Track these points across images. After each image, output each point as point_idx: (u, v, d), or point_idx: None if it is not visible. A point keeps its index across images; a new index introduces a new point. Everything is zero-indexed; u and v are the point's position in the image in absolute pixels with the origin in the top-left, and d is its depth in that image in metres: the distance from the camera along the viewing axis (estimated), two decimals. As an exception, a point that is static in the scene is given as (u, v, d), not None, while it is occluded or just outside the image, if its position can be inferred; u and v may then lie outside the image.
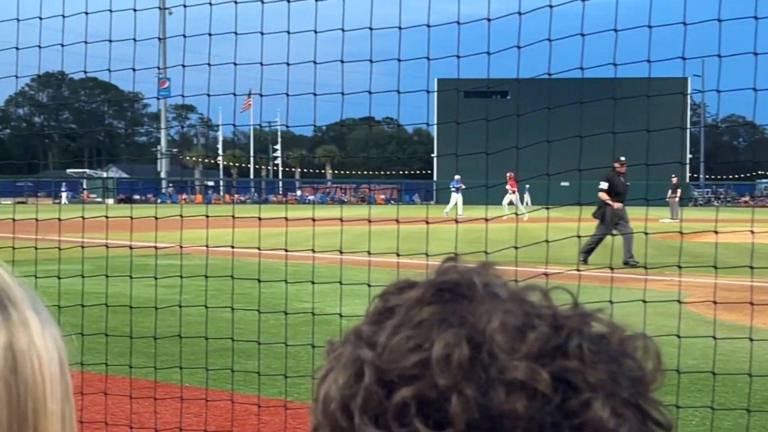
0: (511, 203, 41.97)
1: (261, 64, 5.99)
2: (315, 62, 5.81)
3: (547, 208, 5.70)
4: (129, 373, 6.33)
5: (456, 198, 43.81)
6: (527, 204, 46.94)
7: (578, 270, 4.94)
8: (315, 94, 5.90)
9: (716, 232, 5.58)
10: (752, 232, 5.71)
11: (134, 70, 6.33)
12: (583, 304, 0.79)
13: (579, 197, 5.62)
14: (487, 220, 5.66)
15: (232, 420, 6.10)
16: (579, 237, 5.59)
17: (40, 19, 6.30)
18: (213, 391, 6.65)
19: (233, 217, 6.19)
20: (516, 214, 7.64)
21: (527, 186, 50.75)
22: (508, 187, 42.39)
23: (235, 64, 6.11)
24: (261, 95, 6.13)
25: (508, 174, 38.12)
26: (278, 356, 6.96)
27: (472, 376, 0.71)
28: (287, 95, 5.98)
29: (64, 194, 65.99)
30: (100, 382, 6.46)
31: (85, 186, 74.62)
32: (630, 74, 6.13)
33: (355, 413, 0.73)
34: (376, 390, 0.73)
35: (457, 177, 40.41)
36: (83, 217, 6.11)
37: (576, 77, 6.14)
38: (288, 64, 5.88)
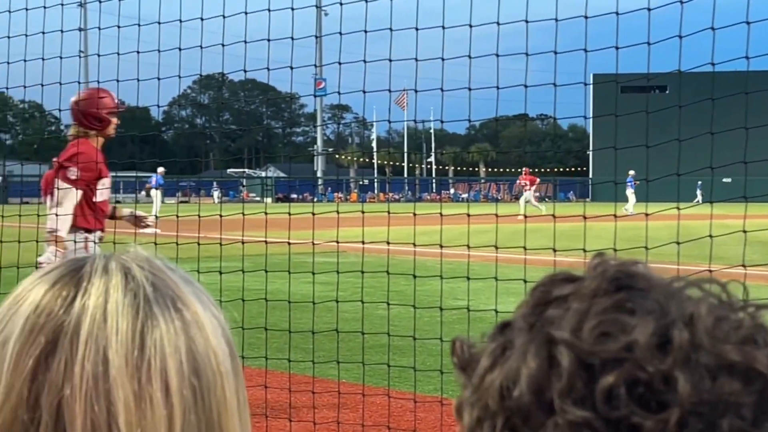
0: (528, 201, 41.03)
1: (416, 59, 6.01)
2: (470, 56, 5.79)
3: (711, 203, 5.52)
4: (288, 368, 6.45)
5: (632, 195, 42.57)
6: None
7: (744, 266, 4.77)
8: (470, 89, 5.88)
9: None
10: None
11: (292, 68, 6.45)
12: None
13: (744, 192, 5.44)
14: (647, 215, 5.53)
15: (389, 415, 6.15)
16: (745, 232, 5.39)
17: (202, 20, 6.48)
18: (369, 387, 6.72)
19: (388, 213, 6.23)
20: (524, 215, 7.38)
21: (699, 182, 49.15)
22: (524, 182, 41.59)
23: (390, 61, 6.14)
24: (416, 91, 6.15)
25: (523, 169, 37.34)
26: (432, 353, 6.97)
27: (688, 360, 0.72)
28: (441, 90, 5.98)
29: (215, 193, 67.15)
30: (259, 376, 6.61)
31: (244, 185, 76.60)
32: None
33: (555, 397, 0.73)
34: (579, 373, 0.73)
35: (631, 173, 39.12)
36: (243, 214, 6.26)
37: (740, 69, 5.93)
38: (443, 59, 5.88)
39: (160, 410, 0.90)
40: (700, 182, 48.27)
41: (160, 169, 41.83)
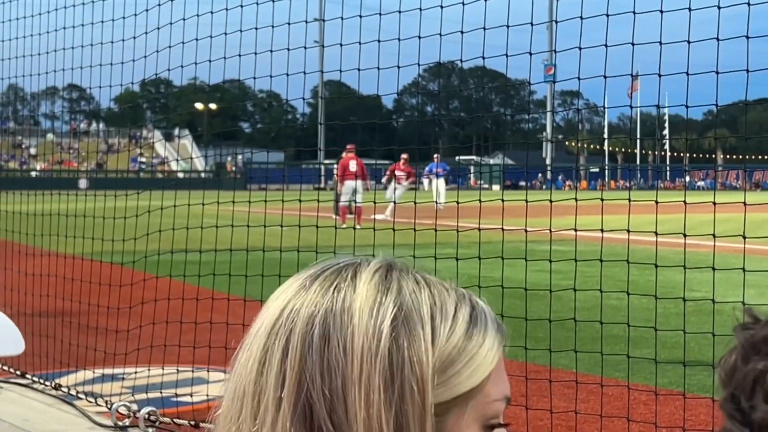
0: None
1: (660, 43, 5.86)
2: (717, 39, 5.58)
3: None
4: (525, 357, 6.47)
5: None
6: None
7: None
8: (717, 72, 5.67)
9: None
10: None
11: (530, 54, 6.44)
12: None
13: None
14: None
15: (628, 407, 6.06)
16: None
17: (441, 8, 6.57)
18: (606, 378, 6.64)
19: (629, 200, 6.13)
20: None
21: None
22: (400, 173, 32.31)
23: (633, 45, 6.03)
24: (659, 75, 5.99)
25: (403, 156, 31.50)
26: (667, 345, 6.81)
27: None
28: (687, 74, 5.80)
29: (425, 180, 66.52)
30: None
31: (472, 172, 76.82)
32: None
33: None
34: None
35: None
36: (480, 201, 6.33)
37: None
38: (689, 42, 5.70)
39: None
40: None
41: (436, 156, 42.49)
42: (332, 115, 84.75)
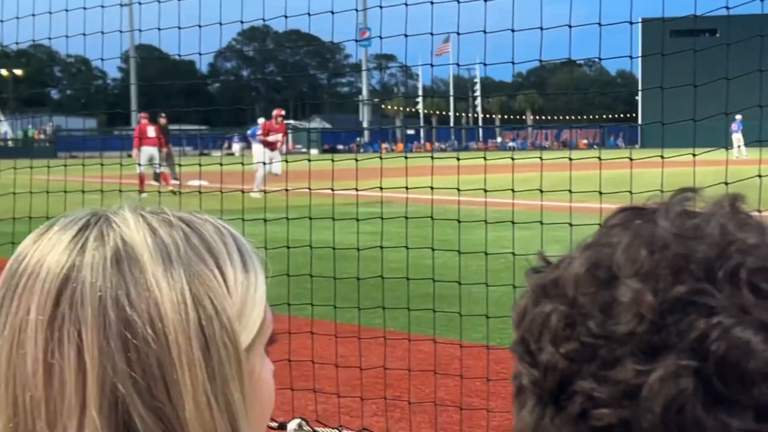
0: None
1: (458, 1, 5.96)
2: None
3: (760, 143, 5.46)
4: (334, 317, 6.51)
5: (738, 139, 41.71)
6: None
7: (759, 211, 4.72)
8: (513, 30, 5.82)
9: None
10: None
11: (333, 13, 6.43)
12: None
13: (759, 135, 5.37)
14: (663, 157, 5.50)
15: (435, 363, 6.19)
16: (761, 177, 5.33)
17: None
18: (415, 335, 6.76)
19: (432, 158, 6.24)
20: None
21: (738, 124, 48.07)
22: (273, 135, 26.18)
23: (432, 3, 6.10)
24: (458, 33, 6.10)
25: (277, 112, 27.07)
26: (479, 301, 6.98)
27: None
28: (485, 32, 5.93)
29: (236, 145, 65.05)
30: (306, 325, 6.67)
31: (290, 133, 76.56)
32: None
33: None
34: None
35: (738, 117, 37.99)
36: (287, 161, 6.32)
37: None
38: (485, 1, 5.82)
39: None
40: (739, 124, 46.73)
41: (261, 120, 40.94)
42: (145, 80, 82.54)
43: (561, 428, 0.76)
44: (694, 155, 5.47)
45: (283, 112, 27.36)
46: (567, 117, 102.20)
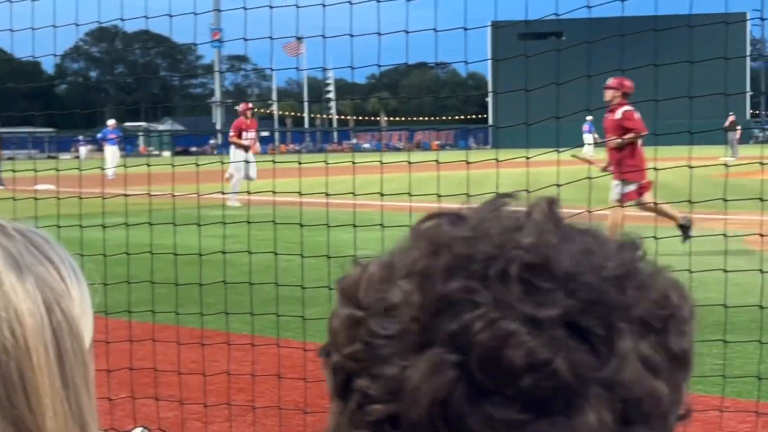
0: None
1: (296, 6, 5.98)
2: (351, 2, 5.77)
3: (558, 151, 5.67)
4: (176, 321, 6.42)
5: (590, 138, 43.06)
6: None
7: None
8: (351, 36, 5.87)
9: (762, 164, 5.53)
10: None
11: (195, 14, 6.35)
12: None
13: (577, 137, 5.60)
14: (528, 158, 5.65)
15: (279, 367, 6.17)
16: (590, 178, 5.55)
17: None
18: (258, 337, 6.74)
19: (273, 162, 6.24)
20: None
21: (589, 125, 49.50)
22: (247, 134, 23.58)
23: (298, 7, 6.10)
24: (297, 38, 6.11)
25: (244, 106, 23.44)
26: (323, 303, 6.96)
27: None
28: (323, 37, 5.97)
29: (82, 149, 62.49)
30: (148, 331, 6.55)
31: (141, 139, 75.22)
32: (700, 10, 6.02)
33: None
34: None
35: (589, 118, 39.08)
36: (125, 166, 6.22)
37: (645, 15, 6.04)
38: (351, 3, 5.84)
39: None
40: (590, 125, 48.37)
41: (111, 122, 39.23)
42: (-13, 82, 79.46)
43: (348, 425, 0.79)
44: (527, 158, 5.63)
45: (251, 105, 23.97)
46: (419, 118, 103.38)
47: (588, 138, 44.15)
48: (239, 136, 22.75)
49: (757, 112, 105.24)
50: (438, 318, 0.74)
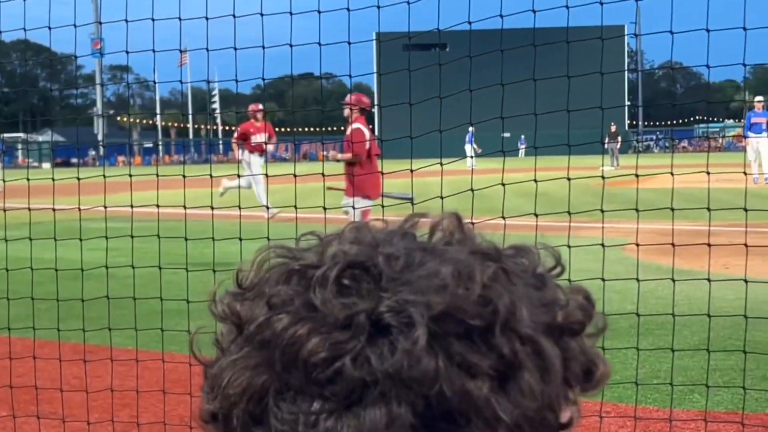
0: None
1: (179, 19, 5.93)
2: (262, 14, 5.76)
3: (441, 164, 5.76)
4: (57, 337, 6.27)
5: (470, 150, 43.68)
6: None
7: (503, 218, 5.03)
8: (235, 48, 5.86)
9: (637, 176, 5.70)
10: (672, 174, 5.80)
11: (75, 26, 6.23)
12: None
13: (502, 146, 5.71)
14: (412, 171, 5.71)
15: (164, 380, 6.09)
16: (504, 185, 5.66)
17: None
18: (143, 352, 6.64)
19: (157, 175, 6.17)
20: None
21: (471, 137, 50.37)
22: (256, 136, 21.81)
23: (180, 20, 6.04)
24: (181, 51, 6.06)
25: (255, 108, 20.77)
26: (208, 316, 6.88)
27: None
28: (207, 50, 5.94)
29: None
30: (29, 348, 6.39)
31: (20, 150, 73.24)
32: (577, 23, 6.17)
33: None
34: None
35: (471, 129, 39.66)
36: (3, 180, 6.07)
37: (527, 27, 6.16)
38: (234, 17, 5.81)
39: None
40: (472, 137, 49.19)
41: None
42: None
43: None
44: (411, 170, 5.69)
45: (260, 107, 20.79)
46: (307, 129, 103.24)
47: (468, 149, 44.91)
48: (245, 140, 20.08)
49: (635, 122, 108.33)
50: (259, 323, 0.78)
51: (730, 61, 6.02)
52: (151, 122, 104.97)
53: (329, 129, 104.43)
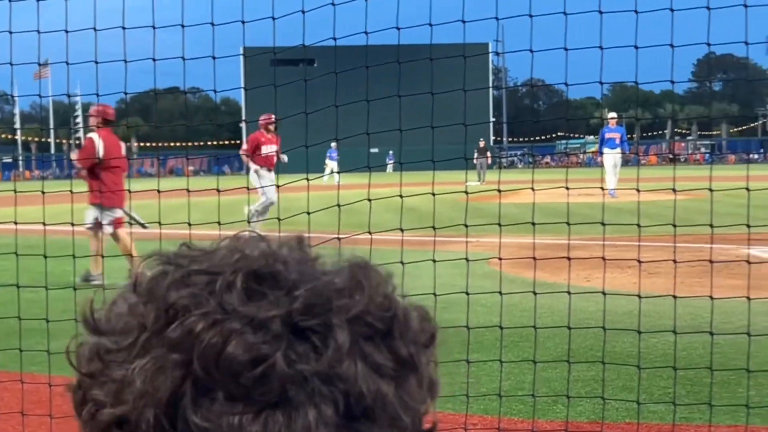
0: None
1: (38, 32, 5.80)
2: (124, 28, 5.66)
3: (308, 179, 5.80)
4: None
5: (332, 165, 43.43)
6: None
7: (370, 233, 5.08)
8: (96, 62, 5.77)
9: (500, 191, 5.83)
10: (533, 189, 5.96)
11: None
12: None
13: (368, 161, 5.75)
14: (278, 186, 5.71)
15: (23, 401, 5.91)
16: (369, 200, 5.70)
17: None
18: (1, 373, 6.44)
19: (15, 192, 6.02)
20: None
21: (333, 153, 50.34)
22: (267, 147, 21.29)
23: (39, 32, 5.89)
24: (67, 63, 5.92)
25: (266, 118, 19.43)
26: (69, 335, 6.72)
27: None
28: (67, 63, 5.82)
29: None
30: None
31: None
32: (442, 40, 6.26)
33: None
34: None
35: (333, 145, 39.38)
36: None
37: (391, 44, 6.21)
38: (95, 30, 5.71)
39: None
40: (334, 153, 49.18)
41: None
42: None
43: None
44: (278, 186, 5.70)
45: (274, 118, 18.64)
46: (173, 144, 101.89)
47: (333, 165, 44.91)
48: (254, 152, 18.59)
49: (500, 138, 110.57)
50: (164, 325, 0.77)
51: (590, 78, 6.21)
52: (10, 137, 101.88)
53: (196, 144, 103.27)
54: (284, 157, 18.22)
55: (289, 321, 0.77)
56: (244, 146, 19.51)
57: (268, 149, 18.36)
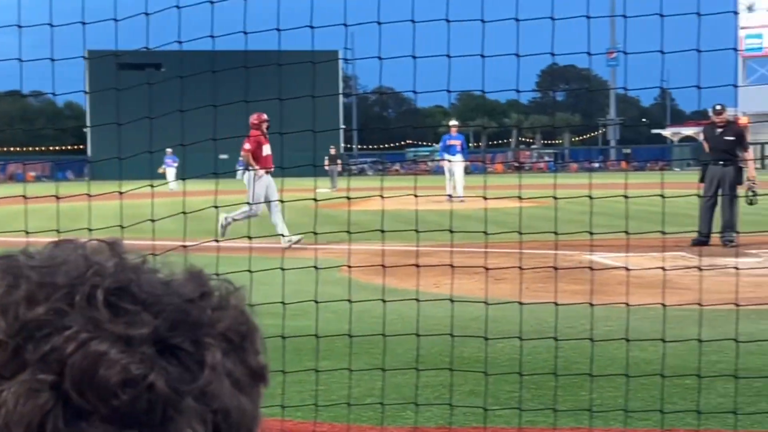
0: None
1: None
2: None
3: (153, 186, 5.69)
4: None
5: (171, 172, 42.77)
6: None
7: (217, 241, 5.01)
8: None
9: (348, 198, 5.83)
10: (381, 197, 5.99)
11: None
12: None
13: (215, 167, 5.67)
14: (121, 193, 5.58)
15: None
16: (217, 207, 5.64)
17: None
18: None
19: None
20: None
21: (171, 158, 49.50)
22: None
23: None
24: None
25: (258, 118, 17.43)
26: None
27: None
28: None
29: None
30: None
31: None
32: (291, 47, 6.22)
33: None
34: None
35: (169, 150, 38.57)
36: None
37: (238, 50, 6.13)
38: None
39: None
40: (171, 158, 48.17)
41: None
42: None
43: None
44: (120, 192, 5.56)
45: (265, 116, 16.43)
46: (14, 149, 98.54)
47: (171, 173, 44.25)
48: (255, 153, 16.37)
49: (350, 145, 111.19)
50: (27, 343, 0.73)
51: (438, 87, 6.28)
52: None
53: (37, 148, 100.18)
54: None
55: (158, 339, 0.74)
56: (246, 146, 16.73)
57: (268, 149, 16.64)
